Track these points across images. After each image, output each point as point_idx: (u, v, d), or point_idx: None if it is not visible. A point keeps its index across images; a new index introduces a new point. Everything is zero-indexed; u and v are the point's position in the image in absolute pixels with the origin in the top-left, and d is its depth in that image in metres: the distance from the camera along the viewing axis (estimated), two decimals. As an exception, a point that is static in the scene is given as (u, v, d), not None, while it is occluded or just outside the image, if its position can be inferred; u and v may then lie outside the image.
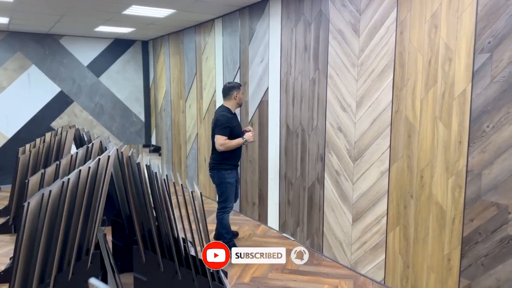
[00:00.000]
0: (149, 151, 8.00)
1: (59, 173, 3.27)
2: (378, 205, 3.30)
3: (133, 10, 5.08)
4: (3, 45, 6.71)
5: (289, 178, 4.33)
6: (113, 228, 3.57)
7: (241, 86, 4.01)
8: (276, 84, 4.43)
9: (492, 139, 2.52)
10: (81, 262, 2.72)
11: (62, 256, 2.65)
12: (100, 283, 2.02)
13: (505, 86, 2.44)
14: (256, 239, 4.39)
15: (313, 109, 3.93)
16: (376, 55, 3.24)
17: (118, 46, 7.65)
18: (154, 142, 8.01)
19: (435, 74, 2.82)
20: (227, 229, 3.98)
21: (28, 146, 4.97)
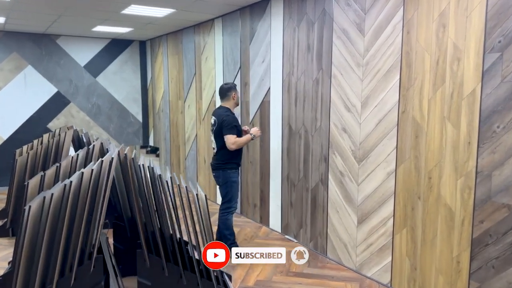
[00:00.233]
0: (146, 152, 7.92)
1: (59, 175, 3.20)
2: (384, 206, 3.25)
3: (132, 9, 5.01)
4: (-2, 45, 6.64)
5: (292, 179, 4.29)
6: (115, 231, 3.50)
7: (236, 86, 4.03)
8: (278, 84, 4.38)
9: (502, 139, 2.48)
10: (84, 267, 2.65)
11: (64, 261, 2.58)
12: None
13: (516, 86, 2.41)
14: (258, 241, 4.34)
15: (317, 110, 3.88)
16: (382, 55, 3.20)
17: (116, 46, 7.57)
18: (152, 143, 7.93)
19: (443, 74, 2.79)
20: (230, 230, 3.92)
21: (25, 147, 4.89)
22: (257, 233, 4.58)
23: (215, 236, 4.09)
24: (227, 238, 3.88)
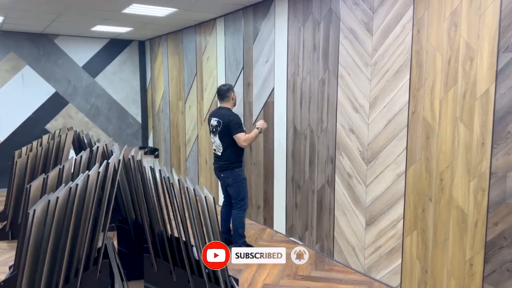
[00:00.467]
0: (144, 153, 7.84)
1: (63, 178, 3.12)
2: (394, 208, 3.20)
3: (133, 8, 4.94)
4: (-4, 45, 6.54)
5: (297, 181, 4.23)
6: (118, 235, 3.43)
7: (233, 87, 4.12)
8: (282, 85, 4.33)
9: (518, 140, 2.44)
10: (89, 272, 2.58)
11: (69, 266, 2.51)
12: None
13: (532, 86, 2.37)
14: (262, 243, 4.28)
15: (323, 110, 3.83)
16: (391, 54, 3.15)
17: (114, 46, 7.48)
18: (151, 144, 7.86)
19: (455, 74, 2.74)
20: (244, 228, 3.98)
21: (24, 149, 4.80)
22: (261, 235, 4.52)
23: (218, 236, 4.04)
24: (242, 236, 3.96)
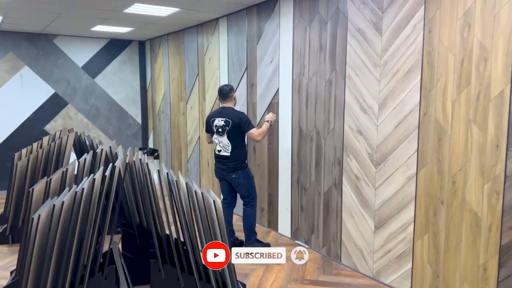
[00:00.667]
0: (143, 154, 7.75)
1: (66, 181, 3.05)
2: (404, 211, 3.15)
3: (135, 8, 4.87)
4: (-6, 45, 6.45)
5: (302, 183, 4.17)
6: (123, 239, 3.36)
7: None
8: (287, 85, 4.27)
9: (534, 143, 2.39)
10: (95, 279, 2.51)
11: (74, 273, 2.44)
12: None
13: (549, 87, 2.32)
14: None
15: (329, 111, 3.77)
16: (401, 55, 3.09)
17: (114, 46, 7.40)
18: (151, 145, 7.78)
19: (468, 75, 2.69)
20: (255, 222, 4.10)
21: (24, 151, 4.72)
22: (265, 237, 4.45)
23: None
24: (255, 232, 4.06)
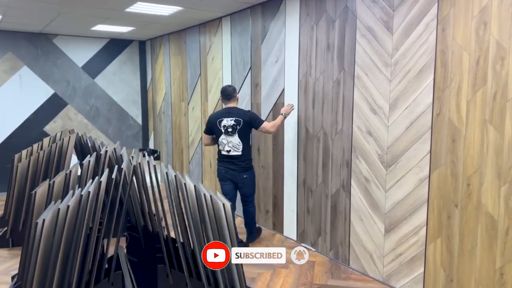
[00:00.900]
0: (143, 155, 7.66)
1: (69, 184, 2.96)
2: (416, 214, 3.08)
3: (137, 7, 4.78)
4: (-7, 44, 6.34)
5: (309, 185, 4.09)
6: (127, 243, 3.27)
7: None
8: (293, 85, 4.19)
9: (555, 144, 2.32)
10: (101, 285, 2.43)
11: (80, 279, 2.36)
12: None
13: None
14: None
15: (337, 112, 3.70)
16: (413, 54, 3.02)
17: (114, 46, 7.31)
18: (152, 146, 7.69)
19: (484, 74, 2.62)
20: None
21: (24, 152, 4.63)
22: (271, 240, 4.37)
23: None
24: (256, 226, 4.31)
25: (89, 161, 3.07)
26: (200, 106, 5.94)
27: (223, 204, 2.46)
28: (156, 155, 7.44)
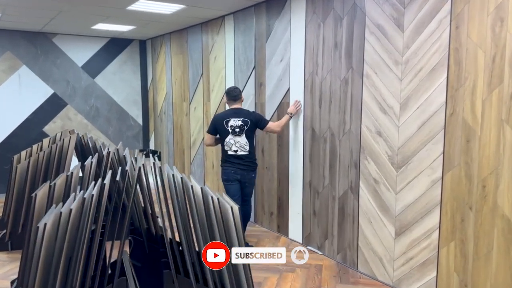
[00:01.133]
0: (147, 156, 7.57)
1: (71, 186, 2.87)
2: (428, 217, 2.99)
3: (138, 5, 4.69)
4: (-9, 43, 6.24)
5: (315, 187, 4.00)
6: (130, 246, 3.18)
7: None
8: (299, 85, 4.10)
9: None
10: (104, 292, 2.33)
11: (82, 286, 2.26)
12: None
13: None
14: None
15: (345, 112, 3.61)
16: (425, 52, 2.93)
17: (115, 45, 7.21)
18: (152, 147, 7.59)
19: (500, 72, 2.53)
20: None
21: (23, 153, 4.52)
22: (276, 243, 4.28)
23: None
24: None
25: (91, 162, 2.97)
26: (202, 106, 5.85)
27: (231, 207, 2.37)
28: (156, 156, 7.35)
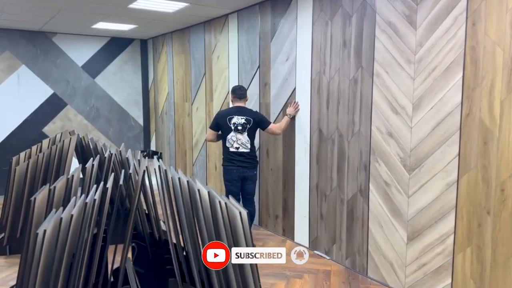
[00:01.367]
0: (143, 157, 7.45)
1: (71, 189, 2.75)
2: (443, 222, 2.88)
3: (140, 3, 4.59)
4: (-10, 43, 6.13)
5: (322, 189, 3.89)
6: (133, 252, 3.07)
7: None
8: (305, 84, 4.00)
9: None
10: (107, 301, 2.22)
11: (84, 295, 2.15)
12: None
13: None
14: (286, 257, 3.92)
15: (354, 112, 3.50)
16: (439, 50, 2.83)
17: (115, 45, 7.10)
18: (154, 148, 7.48)
19: (520, 71, 2.43)
20: None
21: (22, 154, 4.41)
22: (281, 247, 4.16)
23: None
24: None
25: (93, 165, 2.86)
26: (204, 106, 5.74)
27: (240, 212, 2.26)
28: (156, 156, 7.24)
